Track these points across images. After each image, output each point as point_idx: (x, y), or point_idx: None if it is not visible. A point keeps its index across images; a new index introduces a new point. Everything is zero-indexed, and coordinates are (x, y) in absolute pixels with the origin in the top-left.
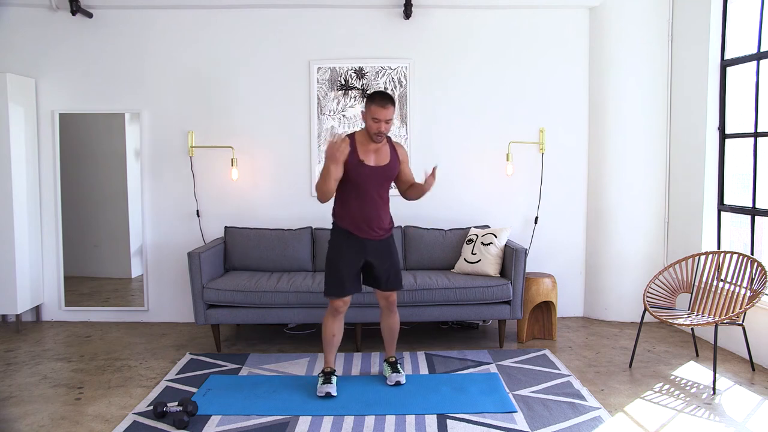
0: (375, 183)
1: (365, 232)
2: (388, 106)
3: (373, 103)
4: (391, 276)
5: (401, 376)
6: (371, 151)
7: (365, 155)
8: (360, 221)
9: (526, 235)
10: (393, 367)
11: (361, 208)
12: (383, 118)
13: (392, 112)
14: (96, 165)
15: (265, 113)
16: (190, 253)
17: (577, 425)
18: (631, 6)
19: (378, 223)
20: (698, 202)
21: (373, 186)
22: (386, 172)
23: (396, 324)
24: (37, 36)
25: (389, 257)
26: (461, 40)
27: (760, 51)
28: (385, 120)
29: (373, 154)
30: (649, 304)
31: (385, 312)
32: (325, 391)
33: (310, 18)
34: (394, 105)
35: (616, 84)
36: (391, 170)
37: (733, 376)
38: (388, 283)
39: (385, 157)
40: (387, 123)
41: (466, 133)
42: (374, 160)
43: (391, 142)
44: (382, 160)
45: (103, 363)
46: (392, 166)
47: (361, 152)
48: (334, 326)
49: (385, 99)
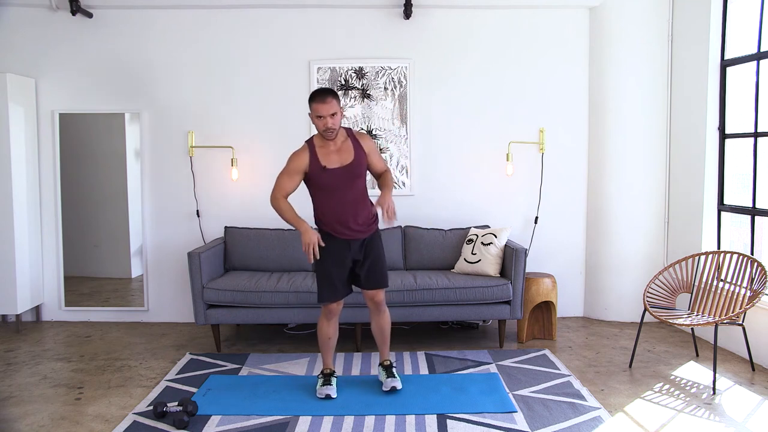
0: (343, 184)
1: (344, 234)
2: (328, 99)
3: (313, 101)
4: (375, 273)
5: (397, 381)
6: (332, 152)
7: (326, 158)
8: (336, 224)
9: (526, 235)
10: (388, 371)
11: (335, 210)
12: (326, 113)
13: (335, 105)
14: (96, 165)
15: (265, 113)
16: (190, 253)
17: (577, 425)
18: (631, 6)
19: (354, 221)
20: (698, 202)
21: (342, 188)
22: (352, 170)
23: (386, 324)
24: (37, 36)
25: (371, 254)
26: (461, 40)
27: (760, 51)
28: (329, 114)
29: (335, 155)
30: (649, 304)
31: (373, 312)
32: (324, 393)
33: (310, 18)
34: (336, 98)
35: (616, 84)
36: (357, 167)
37: (733, 376)
38: (369, 281)
39: (348, 155)
40: (332, 117)
41: (466, 133)
42: (337, 160)
43: (353, 135)
44: (346, 158)
45: (103, 363)
46: (358, 163)
47: (321, 156)
48: (329, 329)
49: (323, 93)
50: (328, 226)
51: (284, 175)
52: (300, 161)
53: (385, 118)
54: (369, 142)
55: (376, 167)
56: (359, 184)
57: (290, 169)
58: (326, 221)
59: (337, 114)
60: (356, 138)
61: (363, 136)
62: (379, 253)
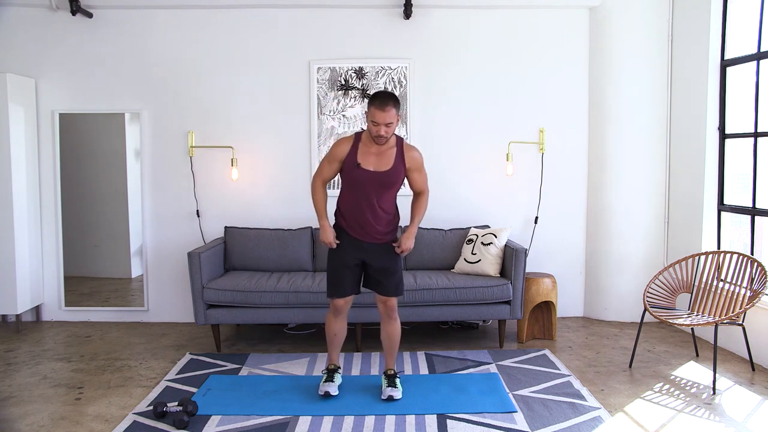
0: (371, 188)
1: (359, 233)
2: (389, 108)
3: (372, 105)
4: (388, 281)
5: (396, 391)
6: (372, 153)
7: (364, 157)
8: (353, 222)
9: (526, 235)
10: (390, 380)
11: (356, 209)
12: (382, 121)
13: (393, 115)
14: (96, 165)
15: (265, 113)
16: (190, 253)
17: (577, 425)
18: (631, 6)
19: (372, 227)
20: (698, 202)
21: (368, 190)
22: (384, 179)
23: (395, 333)
24: (37, 36)
25: (386, 260)
26: (461, 40)
27: (760, 51)
28: (384, 124)
29: (374, 157)
30: (649, 304)
31: (384, 318)
32: (324, 390)
33: (310, 18)
34: (396, 107)
35: (616, 84)
36: (390, 177)
37: (733, 376)
38: (381, 287)
39: (387, 163)
40: (387, 126)
41: (466, 133)
42: (374, 164)
43: (402, 145)
44: (383, 165)
45: (103, 363)
46: (393, 173)
47: (361, 153)
48: (336, 326)
49: (385, 101)
50: (345, 222)
51: (325, 159)
52: (341, 150)
53: None
54: (415, 157)
55: (416, 184)
56: (388, 193)
57: (331, 155)
58: (345, 216)
59: (393, 124)
60: (403, 150)
61: (412, 149)
62: (396, 262)
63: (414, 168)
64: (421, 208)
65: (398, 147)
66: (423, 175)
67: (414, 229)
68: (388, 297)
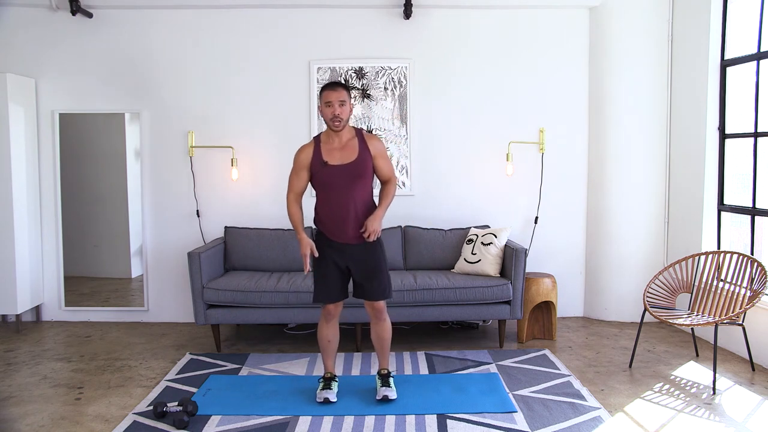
0: (342, 182)
1: (340, 236)
2: (339, 89)
3: (323, 90)
4: (373, 285)
5: (391, 391)
6: (336, 149)
7: (329, 154)
8: (332, 225)
9: (526, 235)
10: (384, 380)
11: (333, 210)
12: (335, 99)
13: (344, 94)
14: (96, 165)
15: (266, 113)
16: (190, 253)
17: (577, 425)
18: (631, 6)
19: (351, 225)
20: (698, 202)
21: (340, 186)
22: (353, 170)
23: (385, 332)
24: (37, 36)
25: (369, 263)
26: (461, 40)
27: (760, 51)
28: (338, 101)
29: (338, 152)
30: (649, 304)
31: (373, 320)
32: (323, 397)
33: (310, 18)
34: (347, 89)
35: (616, 84)
36: (358, 167)
37: (733, 376)
38: (367, 292)
39: (351, 154)
40: (341, 106)
41: (466, 133)
42: (339, 158)
43: (362, 135)
44: (348, 156)
45: (103, 363)
46: (360, 163)
47: (324, 152)
48: (329, 331)
49: (334, 84)
50: (325, 227)
51: (292, 173)
52: (304, 155)
53: (385, 118)
54: (377, 144)
55: (382, 172)
56: (360, 185)
57: (296, 166)
58: (324, 221)
59: (346, 104)
60: (364, 139)
61: (373, 138)
62: (379, 264)
63: (378, 155)
64: (389, 193)
65: (359, 137)
66: (388, 162)
67: (381, 212)
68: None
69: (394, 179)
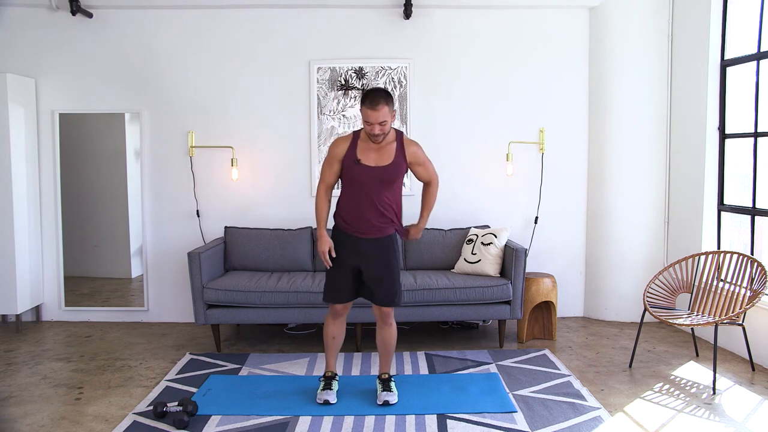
0: (372, 184)
1: (358, 229)
2: (380, 107)
3: (364, 105)
4: (384, 290)
5: (392, 395)
6: (372, 149)
7: (364, 153)
8: (353, 218)
9: (526, 235)
10: (384, 384)
11: (357, 205)
12: (375, 120)
13: (386, 113)
14: (96, 165)
15: (265, 113)
16: (190, 253)
17: (577, 425)
18: (631, 6)
19: (374, 221)
20: (698, 202)
21: (368, 187)
22: (384, 174)
23: (390, 338)
24: (37, 36)
25: (380, 259)
26: (461, 40)
27: (760, 51)
28: (378, 123)
29: (374, 153)
30: (649, 304)
31: (379, 324)
32: (323, 398)
33: (310, 18)
34: (389, 104)
35: (616, 84)
36: (390, 172)
37: (733, 376)
38: (377, 297)
39: (387, 158)
40: (382, 125)
41: (467, 133)
42: (374, 159)
43: (402, 140)
44: (384, 160)
45: (103, 363)
46: (393, 168)
47: (360, 150)
48: (335, 329)
49: (376, 100)
50: (345, 220)
51: (325, 164)
52: (339, 149)
53: None
54: (415, 150)
55: (421, 177)
56: (389, 189)
57: (330, 157)
58: (345, 214)
59: (387, 122)
60: (403, 144)
61: (411, 144)
62: (390, 264)
63: (416, 162)
64: (430, 198)
65: (398, 141)
66: (428, 166)
67: (424, 223)
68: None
69: (435, 180)
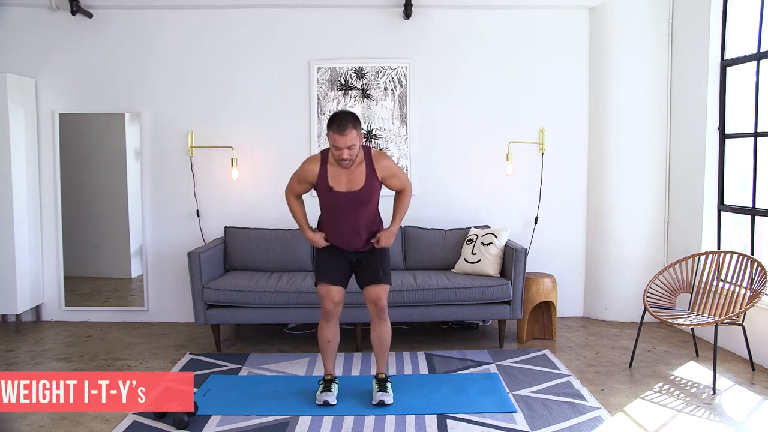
0: (347, 207)
1: (345, 246)
2: (348, 131)
3: (330, 129)
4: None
5: (387, 396)
6: (343, 173)
7: (335, 179)
8: (337, 238)
9: (526, 235)
10: (381, 384)
11: (337, 227)
12: (342, 145)
13: (354, 136)
14: (96, 165)
15: (265, 113)
16: (190, 253)
17: (577, 425)
18: (631, 6)
19: (358, 239)
20: (698, 202)
21: (346, 209)
22: (359, 198)
23: (385, 334)
24: (37, 36)
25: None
26: (461, 40)
27: (760, 51)
28: (346, 147)
29: (345, 178)
30: (649, 304)
31: (374, 319)
32: (323, 399)
33: (310, 18)
34: (356, 127)
35: (616, 84)
36: (364, 196)
37: (733, 376)
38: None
39: (358, 181)
40: (350, 150)
41: (466, 133)
42: (346, 184)
43: (370, 157)
44: (356, 184)
45: (103, 363)
46: (367, 191)
47: (331, 175)
48: (328, 332)
49: (342, 124)
50: (330, 237)
51: (294, 177)
52: (309, 173)
53: (385, 118)
54: (385, 164)
55: (394, 187)
56: (366, 209)
57: (300, 175)
58: (328, 233)
59: (356, 146)
60: (372, 162)
61: (380, 158)
62: (383, 258)
63: (387, 176)
64: (402, 205)
65: (367, 160)
66: (400, 176)
67: (394, 228)
68: (377, 289)
69: (407, 188)
